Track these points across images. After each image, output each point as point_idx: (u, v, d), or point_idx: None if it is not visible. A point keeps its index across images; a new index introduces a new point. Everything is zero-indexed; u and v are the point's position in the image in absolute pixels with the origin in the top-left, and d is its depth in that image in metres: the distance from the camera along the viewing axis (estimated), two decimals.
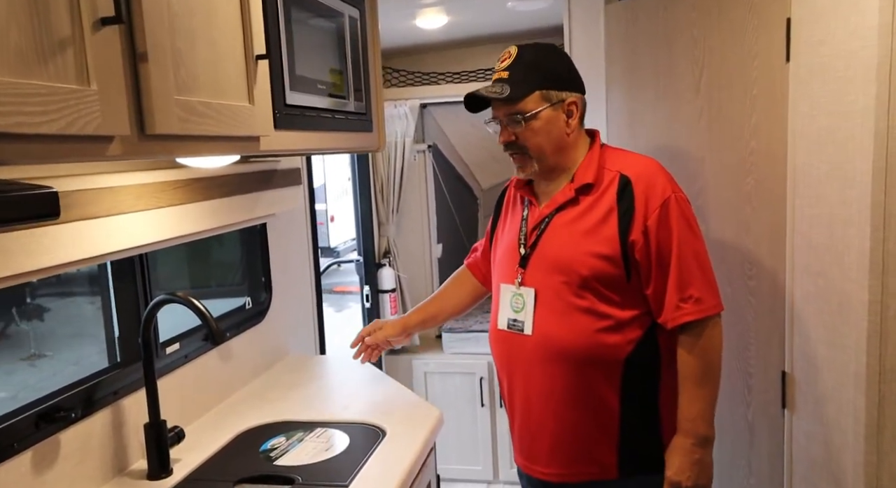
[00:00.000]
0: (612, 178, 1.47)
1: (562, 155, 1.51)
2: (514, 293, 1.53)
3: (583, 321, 1.44)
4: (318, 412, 1.77)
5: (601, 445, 1.48)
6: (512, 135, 1.49)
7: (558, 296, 1.46)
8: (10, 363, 5.10)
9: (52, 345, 5.27)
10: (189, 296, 1.39)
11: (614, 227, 1.43)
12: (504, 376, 1.61)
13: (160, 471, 1.44)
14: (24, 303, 5.69)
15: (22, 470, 1.23)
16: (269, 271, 2.15)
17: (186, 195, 1.52)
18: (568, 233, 1.48)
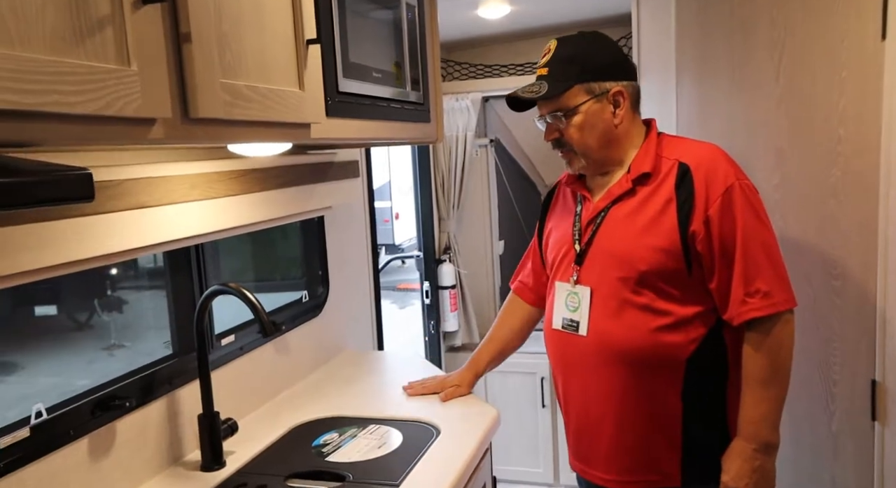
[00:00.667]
0: (671, 167, 1.38)
1: (611, 148, 1.43)
2: (570, 291, 1.46)
3: (640, 319, 1.36)
4: (373, 408, 1.74)
5: (663, 451, 1.40)
6: (556, 132, 1.43)
7: (615, 294, 1.39)
8: (93, 352, 5.36)
9: (130, 335, 5.51)
10: (242, 287, 1.37)
11: (673, 218, 1.35)
12: (559, 377, 1.54)
13: (213, 463, 1.44)
14: (105, 295, 5.99)
15: (78, 456, 1.24)
16: (325, 265, 2.13)
17: (241, 185, 1.51)
18: (625, 226, 1.40)
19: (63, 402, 1.24)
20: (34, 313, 5.79)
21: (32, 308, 5.90)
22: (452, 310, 3.24)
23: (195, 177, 1.38)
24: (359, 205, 2.37)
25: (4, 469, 1.10)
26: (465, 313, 3.32)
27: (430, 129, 1.81)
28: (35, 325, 5.86)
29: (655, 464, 1.40)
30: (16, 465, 1.12)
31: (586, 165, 1.44)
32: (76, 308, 6.06)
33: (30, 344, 5.71)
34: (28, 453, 1.14)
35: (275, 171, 1.65)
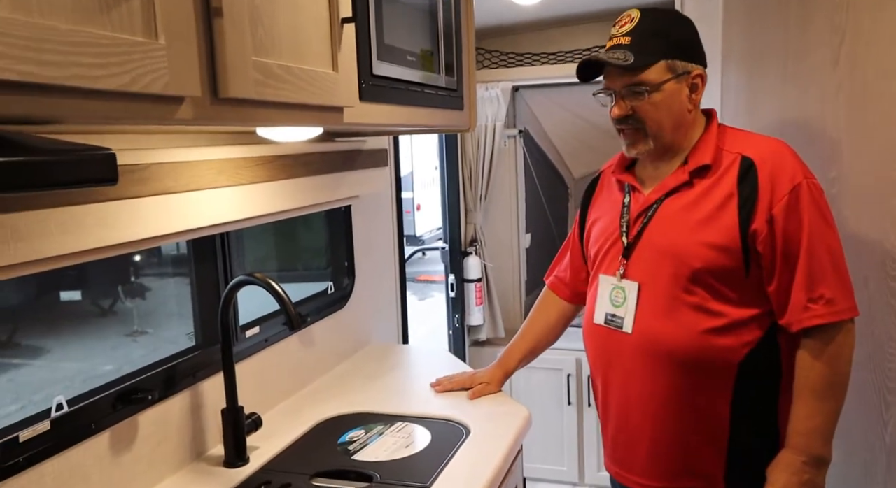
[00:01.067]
0: (733, 161, 1.31)
1: (679, 132, 1.35)
2: (615, 286, 1.38)
3: (691, 319, 1.29)
4: (400, 405, 1.68)
5: (707, 457, 1.33)
6: (629, 108, 1.33)
7: (665, 291, 1.31)
8: (116, 338, 5.40)
9: (153, 322, 5.54)
10: (269, 278, 1.32)
11: (734, 215, 1.27)
12: (599, 375, 1.46)
13: (236, 459, 1.39)
14: (129, 281, 6.03)
15: (99, 450, 1.20)
16: (352, 256, 2.08)
17: (269, 172, 1.46)
18: (679, 220, 1.32)
19: (84, 395, 1.19)
20: (59, 298, 5.85)
21: (58, 293, 5.96)
22: (478, 304, 3.18)
23: (222, 162, 1.32)
24: (386, 194, 2.32)
25: (25, 463, 1.06)
26: (491, 307, 3.25)
27: (462, 117, 1.74)
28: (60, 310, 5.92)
29: (698, 470, 1.33)
30: (36, 459, 1.08)
31: (652, 148, 1.36)
32: (100, 294, 6.13)
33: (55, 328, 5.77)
34: (48, 447, 1.10)
35: (303, 158, 1.59)
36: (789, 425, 1.28)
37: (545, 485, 3.13)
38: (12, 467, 1.03)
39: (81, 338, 5.86)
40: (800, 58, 1.71)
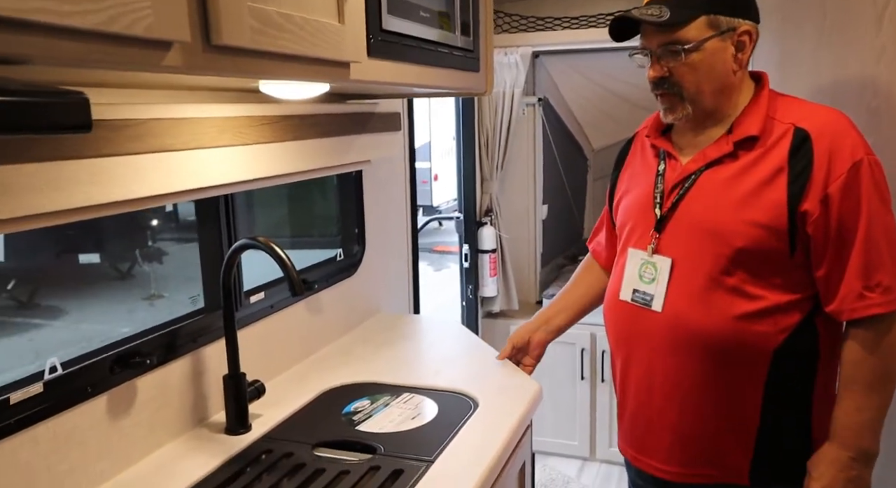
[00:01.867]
0: (784, 132, 1.19)
1: (722, 97, 1.24)
2: (645, 261, 1.29)
3: (727, 302, 1.20)
4: (407, 376, 1.64)
5: (732, 446, 1.26)
6: (665, 69, 1.23)
7: (700, 270, 1.22)
8: (133, 301, 5.45)
9: (169, 286, 5.58)
10: (272, 242, 1.27)
11: (782, 192, 1.17)
12: (619, 355, 1.39)
13: (238, 426, 1.36)
14: (146, 245, 6.07)
15: (96, 415, 1.17)
16: (362, 223, 2.02)
17: (274, 133, 1.40)
18: (721, 194, 1.22)
19: (79, 357, 1.16)
20: (78, 260, 5.88)
21: (77, 255, 5.99)
22: (492, 275, 3.12)
23: (224, 120, 1.27)
24: (399, 161, 2.25)
25: (16, 425, 1.03)
26: (505, 279, 3.20)
27: (478, 80, 1.67)
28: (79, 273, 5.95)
29: (722, 459, 1.26)
30: (28, 422, 1.05)
31: (691, 114, 1.25)
32: (118, 257, 6.14)
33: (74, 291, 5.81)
34: (41, 410, 1.07)
35: (311, 120, 1.53)
36: (835, 419, 1.20)
37: (556, 460, 3.11)
38: (2, 429, 1.01)
39: (100, 301, 5.93)
40: (838, 17, 1.60)
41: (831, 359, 1.22)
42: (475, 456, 1.26)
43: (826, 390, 1.23)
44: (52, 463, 1.09)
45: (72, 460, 1.12)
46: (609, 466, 3.04)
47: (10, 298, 5.22)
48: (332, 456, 1.31)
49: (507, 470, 1.35)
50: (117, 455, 1.21)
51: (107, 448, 1.19)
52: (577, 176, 3.89)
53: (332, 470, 1.24)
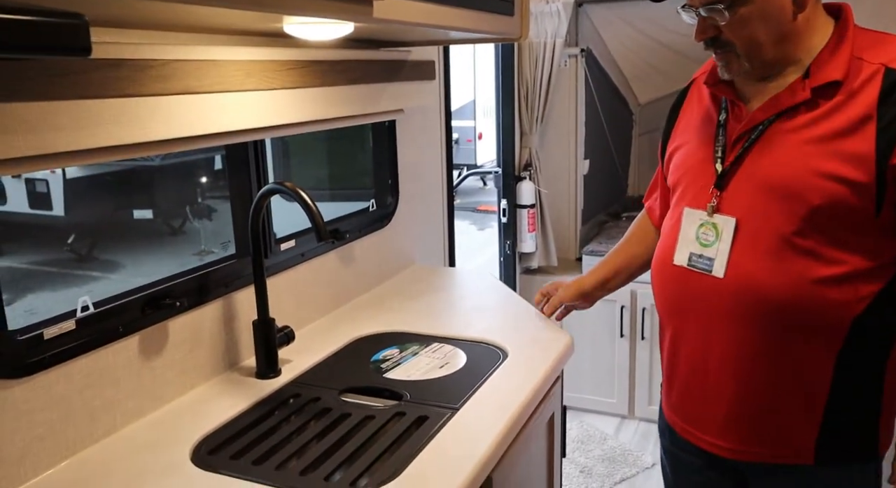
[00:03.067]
0: (874, 74, 1.04)
1: (787, 45, 1.09)
2: (704, 221, 1.17)
3: (800, 267, 1.07)
4: (438, 326, 1.64)
5: (798, 424, 1.15)
6: (712, 29, 1.10)
7: (770, 231, 1.09)
8: (185, 256, 5.62)
9: (217, 243, 5.72)
10: (298, 188, 1.26)
11: (870, 142, 1.02)
12: (670, 322, 1.27)
13: (268, 371, 1.38)
14: (196, 202, 6.22)
15: (128, 354, 1.20)
16: (396, 174, 2.01)
17: (302, 78, 1.38)
18: (795, 146, 1.08)
19: (111, 298, 1.19)
20: (133, 216, 6.05)
21: (131, 211, 6.17)
22: (530, 231, 3.08)
23: (251, 64, 1.26)
24: (434, 111, 2.22)
25: (51, 360, 1.06)
26: (544, 235, 3.15)
27: (512, 24, 1.60)
28: (134, 228, 6.13)
29: (786, 437, 1.17)
30: (63, 357, 1.08)
31: (750, 69, 1.12)
32: (170, 214, 6.30)
33: (129, 245, 5.99)
34: (75, 346, 1.10)
35: (340, 66, 1.50)
36: None
37: (594, 417, 3.10)
38: (38, 363, 1.04)
39: (153, 256, 6.09)
40: None
41: None
42: (501, 404, 1.26)
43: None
44: (87, 398, 1.13)
45: (105, 396, 1.16)
46: (647, 424, 3.02)
47: (70, 251, 5.43)
48: (358, 401, 1.32)
49: (534, 419, 1.34)
50: (150, 394, 1.24)
51: (139, 386, 1.22)
52: (622, 131, 3.78)
53: (357, 415, 1.25)
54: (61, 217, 5.51)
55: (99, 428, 1.15)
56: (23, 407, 1.02)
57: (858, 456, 1.16)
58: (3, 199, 5.41)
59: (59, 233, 5.45)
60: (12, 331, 1.01)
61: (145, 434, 1.18)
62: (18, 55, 0.59)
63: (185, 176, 6.19)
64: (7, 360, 0.99)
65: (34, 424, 1.04)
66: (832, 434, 1.14)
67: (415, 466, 1.06)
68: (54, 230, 5.47)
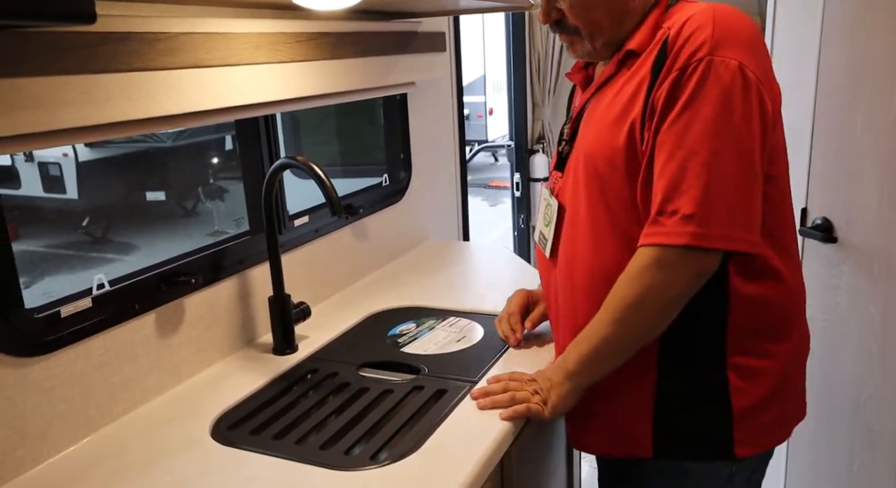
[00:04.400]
0: (659, 39, 0.99)
1: (627, 24, 1.05)
2: (547, 202, 1.18)
3: (609, 245, 1.03)
4: (454, 300, 1.63)
5: (632, 411, 1.08)
6: (556, 12, 1.07)
7: (581, 209, 1.07)
8: (199, 237, 5.66)
9: (231, 224, 5.74)
10: (310, 161, 1.25)
11: (640, 105, 0.98)
12: (546, 296, 1.28)
13: (285, 347, 1.38)
14: (208, 183, 6.24)
15: (146, 331, 1.20)
16: (408, 148, 1.98)
17: (311, 50, 1.36)
18: (599, 120, 1.05)
19: (125, 276, 1.18)
20: (146, 198, 6.09)
21: (144, 193, 6.21)
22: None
23: (259, 36, 1.23)
24: (446, 84, 2.18)
25: (69, 337, 1.06)
26: None
27: None
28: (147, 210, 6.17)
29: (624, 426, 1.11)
30: (80, 335, 1.08)
31: (594, 50, 1.08)
32: (183, 195, 6.34)
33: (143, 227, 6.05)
34: (92, 324, 1.10)
35: (350, 38, 1.48)
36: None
37: None
38: (56, 341, 1.04)
39: (167, 237, 6.13)
40: None
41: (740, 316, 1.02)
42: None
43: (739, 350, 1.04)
44: (106, 375, 1.13)
45: (124, 373, 1.16)
46: None
47: (85, 234, 5.48)
48: (376, 376, 1.32)
49: None
50: (168, 371, 1.24)
51: (157, 363, 1.22)
52: None
53: (375, 389, 1.25)
54: (75, 200, 5.55)
55: (119, 405, 1.15)
56: (44, 385, 1.03)
57: (699, 454, 1.06)
58: (18, 183, 5.45)
59: (73, 216, 5.49)
60: (30, 309, 1.00)
61: (164, 410, 1.18)
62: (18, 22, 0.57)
63: (197, 157, 6.20)
64: (26, 339, 0.99)
65: (55, 401, 1.05)
66: (666, 425, 1.06)
67: (434, 439, 1.05)
68: (69, 213, 5.51)
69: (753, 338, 1.02)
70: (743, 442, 1.03)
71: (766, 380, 1.04)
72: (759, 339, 1.03)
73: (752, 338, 1.02)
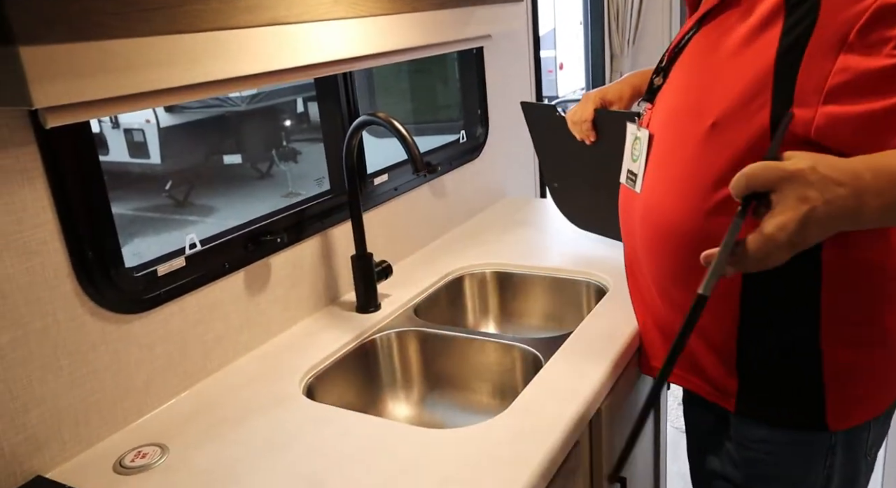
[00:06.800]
0: None
1: None
2: (635, 135, 1.06)
3: (699, 189, 0.91)
4: (533, 259, 1.60)
5: (714, 362, 1.01)
6: None
7: (675, 148, 0.95)
8: (274, 199, 5.80)
9: (305, 185, 5.86)
10: (392, 118, 1.23)
11: (773, 42, 0.83)
12: (625, 243, 1.16)
13: (368, 305, 1.39)
14: (282, 146, 6.37)
15: (235, 290, 1.23)
16: (485, 103, 1.94)
17: (390, 4, 1.33)
18: (707, 52, 0.93)
19: (215, 235, 1.21)
20: (223, 161, 6.27)
21: (222, 156, 6.39)
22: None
23: None
24: (522, 37, 2.11)
25: (166, 295, 1.10)
26: None
27: None
28: (224, 173, 6.35)
29: (707, 372, 1.03)
30: (175, 293, 1.11)
31: None
32: (258, 158, 6.49)
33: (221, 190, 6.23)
34: (186, 283, 1.13)
35: None
36: None
37: None
38: (154, 299, 1.07)
39: (244, 199, 6.30)
40: None
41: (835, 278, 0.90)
42: (608, 336, 1.21)
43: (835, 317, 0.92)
44: (200, 332, 1.16)
45: (217, 330, 1.19)
46: None
47: (168, 197, 5.71)
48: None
49: None
50: (257, 328, 1.27)
51: (247, 321, 1.25)
52: None
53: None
54: (158, 164, 5.77)
55: (213, 361, 1.19)
56: (144, 341, 1.07)
57: (787, 421, 0.97)
58: (106, 150, 5.70)
59: (156, 180, 5.72)
60: (129, 268, 1.04)
61: (255, 366, 1.21)
62: None
63: (270, 120, 6.32)
64: (127, 296, 1.03)
65: (155, 356, 1.09)
66: (749, 383, 0.97)
67: (524, 397, 1.04)
68: (152, 177, 5.74)
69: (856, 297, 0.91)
70: (836, 411, 0.94)
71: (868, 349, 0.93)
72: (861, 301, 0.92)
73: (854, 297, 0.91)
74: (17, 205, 0.90)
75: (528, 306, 1.54)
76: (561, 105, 6.49)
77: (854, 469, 0.98)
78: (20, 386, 0.92)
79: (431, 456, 0.92)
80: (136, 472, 0.94)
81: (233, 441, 1.00)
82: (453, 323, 1.52)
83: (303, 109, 6.49)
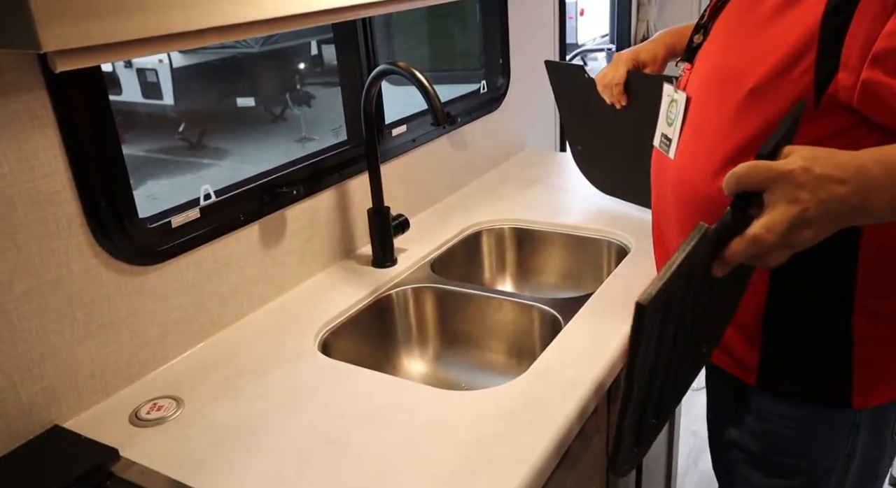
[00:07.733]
0: None
1: None
2: (671, 98, 1.00)
3: (733, 158, 0.85)
4: (553, 215, 1.56)
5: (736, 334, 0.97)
6: None
7: (711, 113, 0.90)
8: (287, 143, 5.75)
9: (318, 130, 5.79)
10: (412, 68, 1.18)
11: (817, 10, 0.76)
12: (655, 210, 1.10)
13: (384, 260, 1.37)
14: (295, 89, 6.26)
15: (250, 242, 1.21)
16: (507, 53, 1.87)
17: None
18: (750, 8, 0.87)
19: (230, 186, 1.18)
20: (237, 104, 6.18)
21: (235, 99, 6.29)
22: None
23: None
24: None
25: (180, 247, 1.08)
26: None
27: None
28: (237, 115, 6.27)
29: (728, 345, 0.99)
30: (190, 245, 1.10)
31: None
32: (271, 101, 6.38)
33: (234, 133, 6.17)
34: (200, 234, 1.11)
35: None
36: None
37: None
38: (169, 250, 1.06)
39: (257, 142, 6.24)
40: None
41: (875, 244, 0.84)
42: (630, 300, 1.19)
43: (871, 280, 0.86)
44: (215, 285, 1.15)
45: (232, 283, 1.18)
46: None
47: (182, 139, 5.67)
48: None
49: None
50: (273, 281, 1.26)
51: (263, 273, 1.24)
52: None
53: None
54: (171, 106, 5.70)
55: (228, 314, 1.18)
56: (159, 293, 1.06)
57: (811, 398, 0.93)
58: (119, 90, 5.63)
59: (170, 121, 5.66)
60: (143, 219, 1.02)
61: (271, 320, 1.20)
62: None
63: (284, 62, 6.19)
64: (141, 248, 1.01)
65: (170, 308, 1.08)
66: (772, 359, 0.94)
67: (543, 360, 1.03)
68: (166, 119, 5.68)
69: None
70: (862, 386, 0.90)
71: None
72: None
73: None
74: (28, 153, 0.88)
75: (546, 264, 1.52)
76: (582, 54, 6.25)
77: (878, 448, 0.96)
78: (36, 337, 0.91)
79: (449, 419, 0.91)
80: (153, 425, 0.94)
81: (248, 396, 0.99)
82: (470, 279, 1.50)
83: (317, 52, 6.35)
